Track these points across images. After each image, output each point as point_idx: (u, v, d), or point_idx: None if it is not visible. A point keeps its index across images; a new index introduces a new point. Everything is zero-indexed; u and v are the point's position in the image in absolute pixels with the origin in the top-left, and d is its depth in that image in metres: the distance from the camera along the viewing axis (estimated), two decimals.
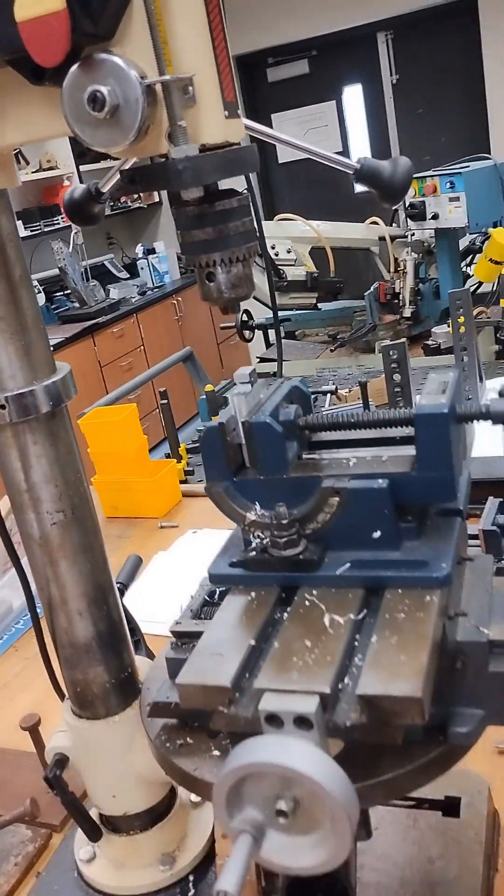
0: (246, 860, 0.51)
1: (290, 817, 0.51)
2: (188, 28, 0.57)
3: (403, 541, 0.66)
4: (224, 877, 0.49)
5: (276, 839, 0.53)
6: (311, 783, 0.49)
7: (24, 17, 0.54)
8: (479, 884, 0.80)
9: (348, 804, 0.50)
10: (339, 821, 0.50)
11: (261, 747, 0.51)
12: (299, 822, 0.52)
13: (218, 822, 0.54)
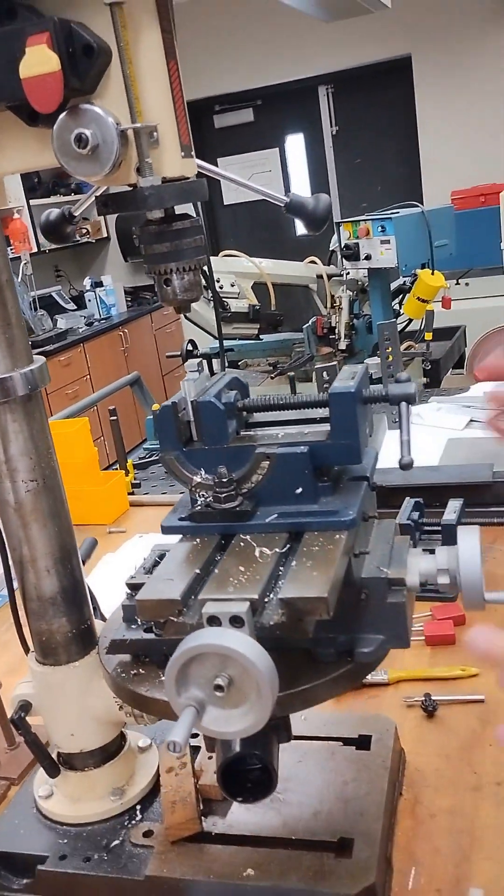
0: (190, 725, 0.65)
1: (224, 691, 0.66)
2: (154, 87, 0.74)
3: (320, 496, 0.83)
4: (173, 733, 0.63)
5: (214, 712, 0.68)
6: (242, 660, 0.64)
7: (27, 74, 0.70)
8: (384, 799, 0.95)
9: (270, 678, 0.65)
10: (263, 692, 0.65)
11: (204, 635, 0.66)
12: (232, 696, 0.67)
13: (170, 699, 0.68)
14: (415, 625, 1.36)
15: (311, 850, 0.90)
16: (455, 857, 0.91)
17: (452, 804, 0.99)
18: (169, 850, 0.93)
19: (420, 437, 2.28)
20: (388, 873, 0.90)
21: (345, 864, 0.87)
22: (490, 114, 5.79)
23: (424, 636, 1.32)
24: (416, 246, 3.13)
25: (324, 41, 5.70)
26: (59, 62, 0.69)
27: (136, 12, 0.72)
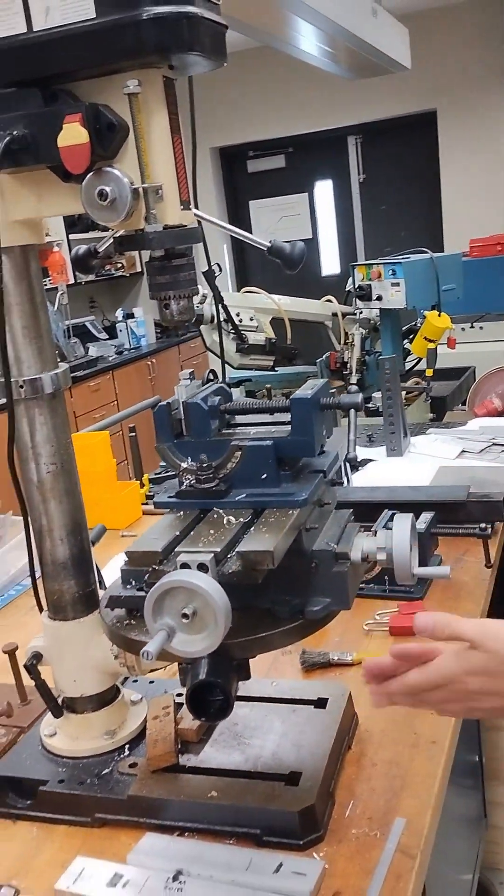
0: (161, 642, 0.84)
1: (189, 620, 0.85)
2: (161, 155, 0.96)
3: (281, 482, 1.02)
4: (148, 646, 0.83)
5: (181, 637, 0.87)
6: (205, 594, 0.83)
7: (63, 144, 0.92)
8: (330, 746, 1.12)
9: (225, 611, 0.84)
10: (219, 621, 0.84)
11: (176, 574, 0.85)
12: (195, 624, 0.86)
13: (147, 624, 0.87)
14: (382, 617, 1.54)
15: (266, 780, 1.08)
16: (387, 795, 1.09)
17: (392, 756, 1.16)
18: (149, 777, 1.11)
19: (414, 464, 2.47)
20: (330, 804, 1.07)
21: (292, 790, 1.05)
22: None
23: (389, 627, 1.50)
24: (424, 289, 3.33)
25: (352, 95, 6.00)
26: (88, 136, 0.91)
27: (148, 100, 0.94)
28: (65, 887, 1.00)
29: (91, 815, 1.10)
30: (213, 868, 0.98)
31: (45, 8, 0.90)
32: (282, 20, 2.71)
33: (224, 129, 6.44)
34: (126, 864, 1.02)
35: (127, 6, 0.88)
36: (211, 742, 1.17)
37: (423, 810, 1.05)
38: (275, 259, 1.12)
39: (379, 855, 0.99)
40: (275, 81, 6.38)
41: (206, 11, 0.93)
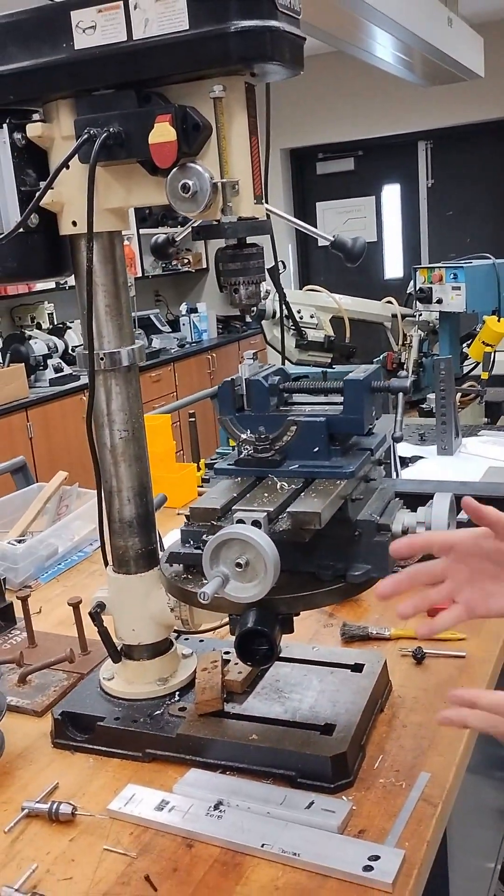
0: (216, 587, 0.95)
1: (242, 569, 0.96)
2: (239, 154, 1.06)
3: (332, 456, 1.12)
4: (205, 588, 0.93)
5: (234, 584, 0.97)
6: (257, 546, 0.94)
7: (154, 141, 1.03)
8: (364, 704, 1.21)
9: (275, 562, 0.94)
10: (269, 571, 0.94)
11: (233, 528, 0.96)
12: (247, 573, 0.97)
13: (205, 571, 0.98)
14: None
15: (303, 729, 1.17)
16: (414, 752, 1.17)
17: (422, 720, 1.25)
18: (196, 720, 1.22)
19: (464, 462, 2.53)
20: (361, 755, 1.17)
21: (326, 739, 1.14)
22: None
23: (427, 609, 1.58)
24: (484, 294, 3.38)
25: (424, 101, 6.03)
26: (176, 134, 1.02)
27: (231, 103, 1.04)
28: (117, 808, 1.11)
29: (142, 750, 1.21)
30: (251, 801, 1.09)
31: (145, 20, 1.01)
32: (358, 28, 2.80)
33: (296, 130, 6.54)
34: (172, 793, 1.13)
35: (217, 19, 0.98)
36: (254, 694, 1.27)
37: (448, 767, 1.14)
38: (337, 252, 1.21)
39: (403, 802, 1.08)
40: (347, 86, 6.46)
41: (287, 25, 1.03)
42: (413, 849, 1.00)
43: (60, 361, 5.17)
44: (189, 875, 1.00)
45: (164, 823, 1.08)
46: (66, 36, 1.05)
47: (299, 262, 7.27)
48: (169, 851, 1.04)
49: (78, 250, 1.18)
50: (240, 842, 1.02)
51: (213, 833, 1.04)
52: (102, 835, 1.08)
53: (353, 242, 1.21)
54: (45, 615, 1.75)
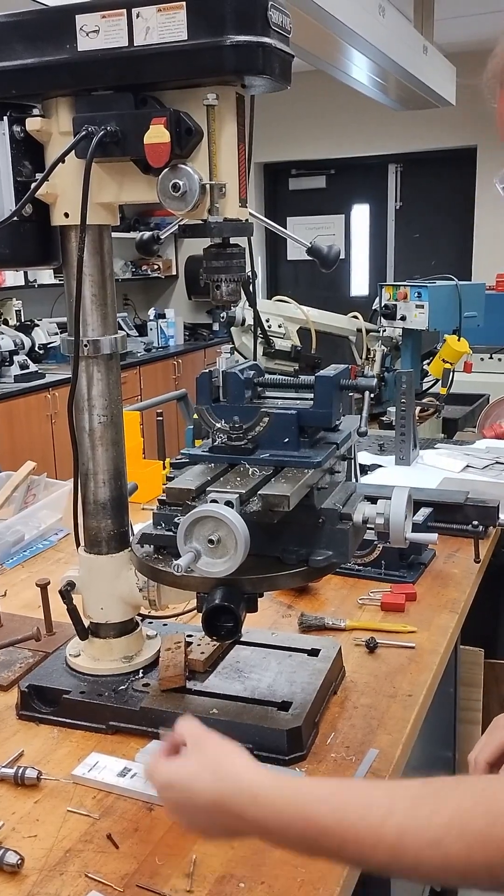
0: (190, 561, 1.01)
1: (214, 545, 1.02)
2: (227, 159, 1.13)
3: (300, 447, 1.19)
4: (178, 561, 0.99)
5: (205, 559, 1.03)
6: (229, 523, 1.00)
7: (149, 142, 1.10)
8: (319, 685, 1.28)
9: (245, 539, 1.01)
10: (239, 548, 1.01)
11: (207, 506, 1.02)
12: (218, 550, 1.03)
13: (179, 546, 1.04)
14: (375, 595, 1.70)
15: (261, 705, 1.24)
16: (364, 730, 1.25)
17: (372, 702, 1.32)
18: (159, 695, 1.28)
19: (420, 473, 2.63)
20: (314, 732, 1.23)
21: (282, 714, 1.21)
22: None
23: (381, 602, 1.66)
24: (446, 313, 3.50)
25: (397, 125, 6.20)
26: (170, 137, 1.09)
27: (222, 111, 1.11)
28: (81, 774, 1.16)
29: (106, 722, 1.26)
30: None
31: (146, 28, 1.08)
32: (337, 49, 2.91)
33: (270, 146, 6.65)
34: (134, 762, 1.18)
35: (214, 33, 1.06)
36: (215, 673, 1.33)
37: (395, 744, 1.21)
38: (313, 258, 1.29)
39: (353, 774, 1.15)
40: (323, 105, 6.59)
41: (278, 42, 1.11)
42: None
43: (27, 359, 5.17)
44: (149, 834, 1.05)
45: (126, 788, 1.13)
46: (70, 37, 1.12)
47: (268, 275, 7.38)
48: (130, 814, 1.09)
49: (68, 240, 1.24)
50: None
51: None
52: (66, 798, 1.13)
53: (328, 249, 1.29)
54: (11, 598, 1.79)
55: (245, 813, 0.79)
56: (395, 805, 0.73)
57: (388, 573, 1.78)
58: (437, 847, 0.69)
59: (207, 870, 0.99)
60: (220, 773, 0.82)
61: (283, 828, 0.77)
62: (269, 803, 0.78)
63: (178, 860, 1.01)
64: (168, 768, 0.87)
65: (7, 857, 0.99)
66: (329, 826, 0.74)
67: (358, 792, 0.78)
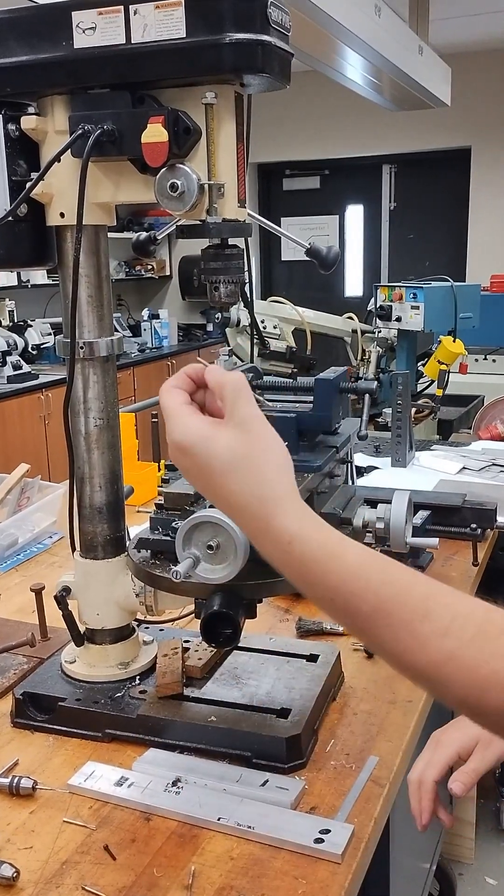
0: (189, 567, 0.99)
1: (214, 551, 1.00)
2: (226, 159, 1.12)
3: (300, 451, 1.17)
4: (177, 567, 0.98)
5: (204, 566, 1.02)
6: (228, 528, 0.98)
7: (146, 141, 1.08)
8: (318, 691, 1.27)
9: (245, 545, 0.99)
10: (238, 554, 0.99)
11: (206, 511, 1.00)
12: (218, 556, 1.01)
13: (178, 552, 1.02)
14: None
15: (259, 712, 1.22)
16: (364, 737, 1.23)
17: (372, 708, 1.31)
18: (156, 702, 1.26)
19: (416, 475, 2.61)
20: (314, 739, 1.22)
21: (281, 721, 1.19)
22: None
23: None
24: (442, 314, 3.49)
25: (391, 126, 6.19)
26: (168, 136, 1.07)
27: (221, 110, 1.10)
28: (77, 784, 1.14)
29: (102, 730, 1.24)
30: (208, 778, 1.13)
31: (144, 25, 1.06)
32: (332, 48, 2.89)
33: (265, 146, 6.64)
34: (132, 771, 1.16)
35: (213, 30, 1.04)
36: (213, 680, 1.31)
37: (395, 752, 1.19)
38: (312, 259, 1.28)
39: (352, 782, 1.13)
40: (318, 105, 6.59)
41: (278, 40, 1.09)
42: (361, 824, 1.05)
43: (20, 359, 5.15)
44: (147, 845, 1.03)
45: (123, 798, 1.11)
46: (66, 34, 1.10)
47: (262, 276, 7.37)
48: (127, 824, 1.07)
49: (64, 241, 1.22)
50: (197, 815, 1.06)
51: (171, 807, 1.08)
52: (62, 808, 1.11)
53: (327, 250, 1.28)
54: (4, 602, 1.77)
55: (273, 525, 0.72)
56: (453, 625, 0.68)
57: None
58: (482, 692, 0.65)
59: (207, 881, 0.97)
60: (263, 476, 0.73)
61: (317, 572, 0.72)
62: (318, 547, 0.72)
63: (177, 872, 0.99)
64: (194, 426, 0.76)
65: (2, 870, 0.97)
66: (377, 601, 0.69)
67: (417, 584, 0.72)
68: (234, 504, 0.75)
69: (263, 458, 0.76)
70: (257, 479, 0.74)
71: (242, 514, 0.76)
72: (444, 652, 0.67)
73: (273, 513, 0.73)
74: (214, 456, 0.75)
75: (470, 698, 0.67)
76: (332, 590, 0.71)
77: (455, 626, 0.68)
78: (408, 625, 0.68)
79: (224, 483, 0.75)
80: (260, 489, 0.74)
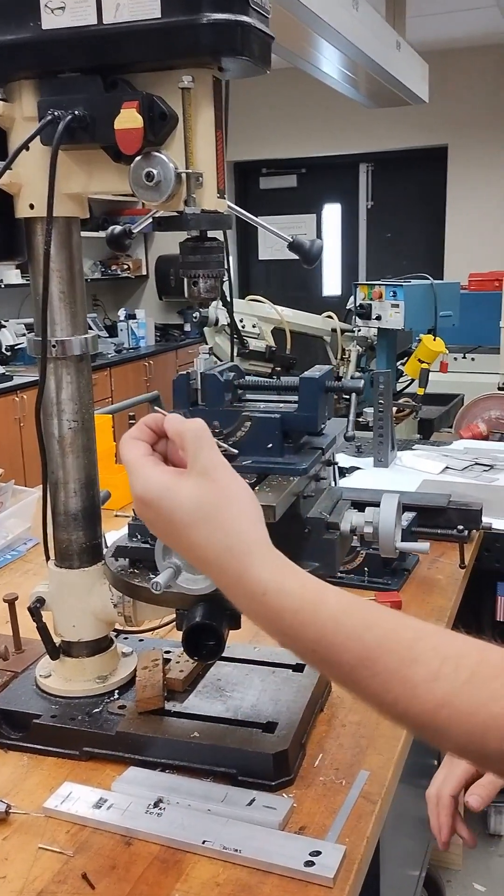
0: (169, 577, 0.93)
1: None
2: (204, 146, 1.06)
3: (285, 453, 1.12)
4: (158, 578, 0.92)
5: (186, 576, 0.96)
6: None
7: (120, 127, 1.02)
8: (306, 703, 1.21)
9: None
10: None
11: None
12: None
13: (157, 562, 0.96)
14: None
15: (244, 727, 1.17)
16: (353, 750, 1.18)
17: (360, 719, 1.26)
18: (136, 717, 1.20)
19: (399, 475, 2.57)
20: (301, 754, 1.16)
21: (268, 736, 1.14)
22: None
23: None
24: (422, 312, 3.46)
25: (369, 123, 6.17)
26: (143, 122, 1.01)
27: (199, 95, 1.04)
28: (53, 806, 1.08)
29: (80, 748, 1.18)
30: (192, 798, 1.07)
31: (116, 4, 1.01)
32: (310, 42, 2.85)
33: (241, 144, 6.59)
34: (111, 791, 1.11)
35: (189, 10, 0.98)
36: (195, 693, 1.26)
37: (387, 765, 1.15)
38: (294, 253, 1.23)
39: (343, 799, 1.08)
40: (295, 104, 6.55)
41: (258, 22, 1.04)
42: (353, 844, 1.00)
43: None
44: (128, 872, 0.98)
45: (102, 821, 1.05)
46: (34, 15, 1.04)
47: (239, 275, 7.31)
48: (107, 849, 1.02)
49: (34, 234, 1.16)
50: (180, 839, 1.01)
51: (153, 830, 1.03)
52: (38, 833, 1.05)
53: (310, 244, 1.23)
54: None
55: (245, 578, 0.69)
56: (444, 669, 0.63)
57: (372, 580, 1.72)
58: (482, 738, 0.61)
59: None
60: (229, 527, 0.71)
61: (294, 624, 0.68)
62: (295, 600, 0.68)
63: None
64: (156, 478, 0.73)
65: None
66: (362, 650, 0.65)
67: (402, 629, 0.67)
68: (202, 557, 0.72)
69: (230, 507, 0.72)
70: (225, 530, 0.71)
71: (211, 567, 0.72)
72: (437, 697, 0.62)
73: (244, 564, 0.70)
74: (178, 507, 0.72)
75: (471, 745, 0.63)
76: (312, 641, 0.67)
77: (446, 669, 0.63)
78: (395, 672, 0.64)
79: (189, 535, 0.72)
80: (228, 540, 0.71)
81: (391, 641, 0.65)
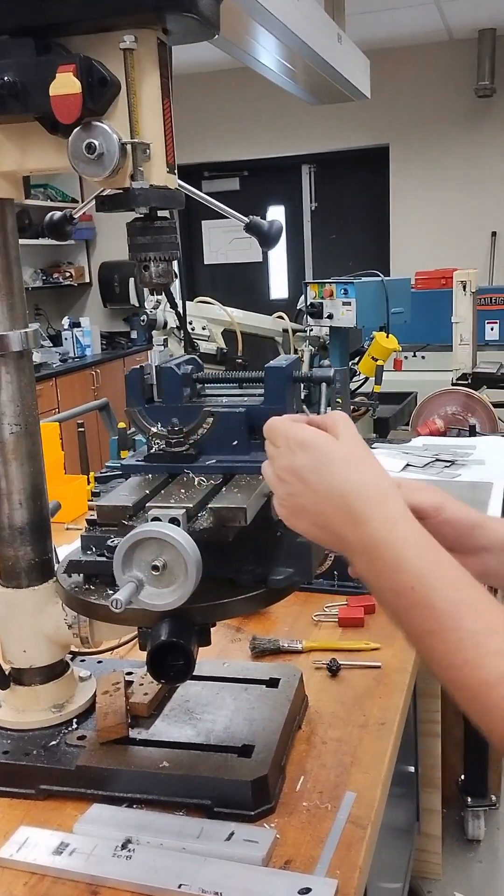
0: (130, 593, 0.83)
1: (159, 572, 0.85)
2: (150, 115, 0.96)
3: (252, 450, 1.02)
4: (117, 594, 0.81)
5: (150, 590, 0.86)
6: (176, 545, 0.83)
7: (55, 93, 0.92)
8: (283, 721, 1.12)
9: (196, 562, 0.83)
10: (190, 573, 0.84)
11: (148, 525, 0.84)
12: (164, 577, 0.85)
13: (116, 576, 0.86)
14: (331, 609, 1.55)
15: (218, 752, 1.06)
16: (337, 770, 1.09)
17: (342, 735, 1.16)
18: (98, 749, 1.09)
19: None
20: (282, 778, 1.07)
21: (244, 762, 1.04)
22: (457, 204, 6.25)
23: (338, 618, 1.51)
24: (374, 310, 3.41)
25: (310, 124, 6.13)
26: (81, 87, 0.91)
27: (142, 58, 0.94)
28: (8, 855, 0.96)
29: (36, 786, 1.07)
30: (164, 836, 0.97)
31: None
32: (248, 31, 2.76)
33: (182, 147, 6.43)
34: (73, 834, 0.99)
35: None
36: (162, 717, 1.15)
37: (373, 784, 1.06)
38: (252, 235, 1.13)
39: (330, 826, 0.99)
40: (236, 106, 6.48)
41: None
42: (345, 877, 0.91)
43: None
44: None
45: (64, 869, 0.94)
46: None
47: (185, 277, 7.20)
48: None
49: None
50: (153, 884, 0.90)
51: (122, 876, 0.92)
52: None
53: (269, 225, 1.14)
54: None
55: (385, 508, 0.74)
56: None
57: (343, 584, 1.63)
58: None
59: None
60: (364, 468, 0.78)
61: (411, 556, 0.71)
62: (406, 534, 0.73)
63: None
64: (314, 431, 0.81)
65: None
66: (459, 600, 0.68)
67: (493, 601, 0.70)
68: (348, 492, 0.76)
69: (378, 462, 0.81)
70: (377, 471, 0.79)
71: (357, 500, 0.76)
72: (499, 673, 0.64)
73: (386, 498, 0.76)
74: (336, 449, 0.79)
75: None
76: (418, 578, 0.70)
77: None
78: (474, 635, 0.66)
79: (346, 471, 0.78)
80: (378, 479, 0.78)
81: (485, 606, 0.68)
